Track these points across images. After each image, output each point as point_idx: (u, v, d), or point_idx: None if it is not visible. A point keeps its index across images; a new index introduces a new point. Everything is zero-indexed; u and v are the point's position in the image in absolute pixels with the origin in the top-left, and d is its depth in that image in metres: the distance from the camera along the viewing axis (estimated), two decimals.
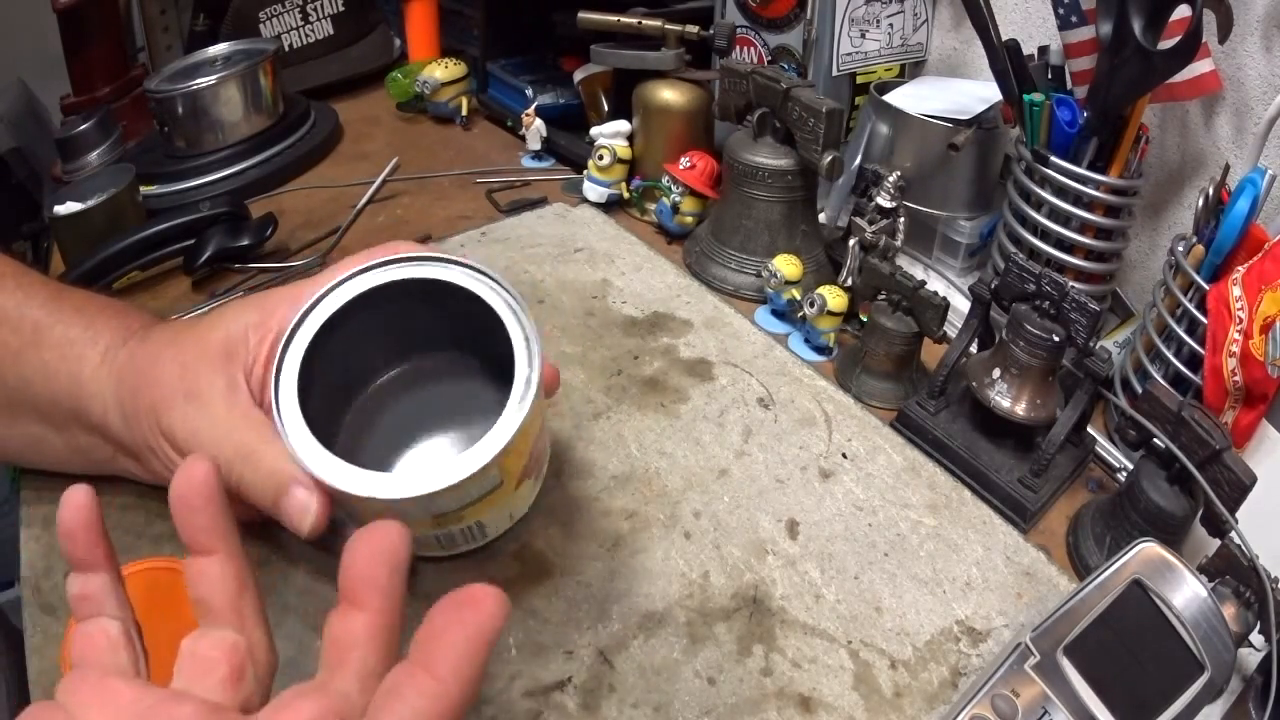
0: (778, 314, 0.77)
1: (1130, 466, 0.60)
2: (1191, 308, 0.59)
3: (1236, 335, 0.55)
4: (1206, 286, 0.58)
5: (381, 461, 0.51)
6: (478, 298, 0.45)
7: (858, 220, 0.74)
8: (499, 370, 0.45)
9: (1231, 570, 0.46)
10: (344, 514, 0.47)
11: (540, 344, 0.44)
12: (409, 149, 1.03)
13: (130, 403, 0.46)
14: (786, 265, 0.72)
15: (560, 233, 0.87)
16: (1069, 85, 0.71)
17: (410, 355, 0.53)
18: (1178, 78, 0.64)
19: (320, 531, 0.44)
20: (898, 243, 0.74)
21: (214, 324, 0.48)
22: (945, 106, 0.80)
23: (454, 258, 0.47)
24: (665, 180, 0.85)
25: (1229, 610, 0.44)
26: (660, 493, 0.59)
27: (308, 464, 0.42)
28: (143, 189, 0.85)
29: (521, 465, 0.46)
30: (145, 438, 0.46)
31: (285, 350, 0.44)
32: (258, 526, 0.50)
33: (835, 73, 0.85)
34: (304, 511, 0.43)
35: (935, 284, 0.77)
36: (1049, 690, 0.42)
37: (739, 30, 0.91)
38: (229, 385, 0.46)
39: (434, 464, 0.41)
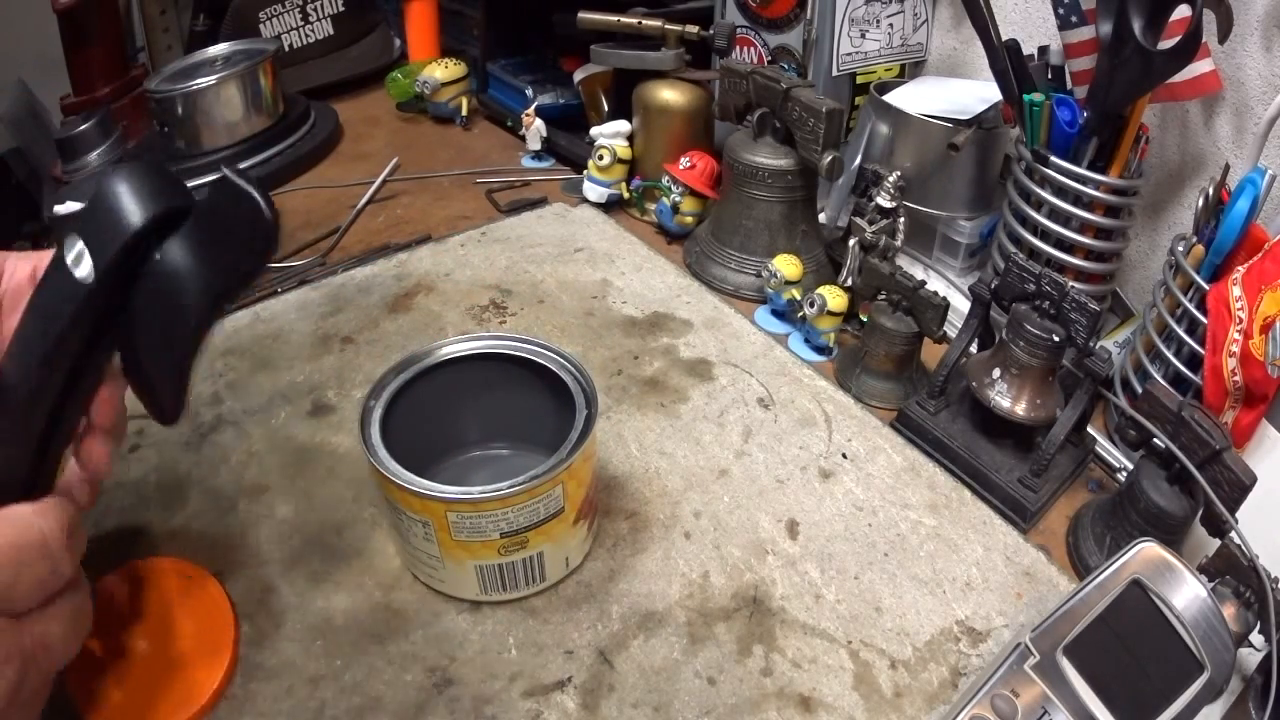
0: (778, 314, 0.77)
1: (1130, 466, 0.60)
2: (1191, 308, 0.59)
3: (1236, 335, 0.55)
4: (1206, 286, 0.58)
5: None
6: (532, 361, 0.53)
7: (858, 220, 0.74)
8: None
9: (1231, 570, 0.46)
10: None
11: (594, 389, 0.50)
12: (409, 149, 1.03)
13: None
14: (786, 265, 0.72)
15: (560, 233, 0.87)
16: (1069, 85, 0.71)
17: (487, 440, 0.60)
18: (1178, 78, 0.64)
19: None
20: (898, 243, 0.74)
21: None
22: (945, 106, 0.80)
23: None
24: (665, 180, 0.85)
25: (1229, 610, 0.44)
26: (660, 493, 0.59)
27: (396, 470, 0.46)
28: None
29: (581, 496, 0.50)
30: None
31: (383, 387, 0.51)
32: None
33: (835, 73, 0.85)
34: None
35: (935, 284, 0.77)
36: (1049, 690, 0.42)
37: (739, 30, 0.91)
38: None
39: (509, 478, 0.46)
